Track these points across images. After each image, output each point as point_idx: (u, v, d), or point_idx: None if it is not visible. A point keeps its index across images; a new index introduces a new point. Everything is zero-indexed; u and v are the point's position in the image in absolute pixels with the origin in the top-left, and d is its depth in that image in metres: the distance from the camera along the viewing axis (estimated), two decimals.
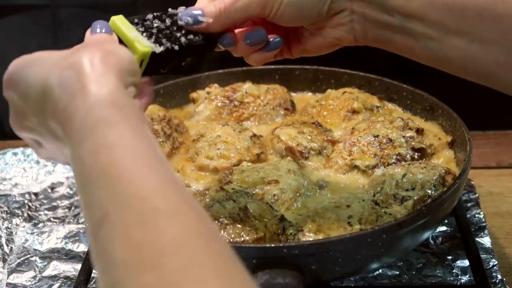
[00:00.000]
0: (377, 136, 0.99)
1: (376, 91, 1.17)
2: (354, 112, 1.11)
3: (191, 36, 0.74)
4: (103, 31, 0.72)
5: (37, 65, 0.63)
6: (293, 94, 1.22)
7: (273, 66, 1.26)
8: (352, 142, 1.00)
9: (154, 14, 0.76)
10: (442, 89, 1.16)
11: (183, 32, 0.74)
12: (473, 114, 1.38)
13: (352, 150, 0.99)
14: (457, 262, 0.95)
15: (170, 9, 0.77)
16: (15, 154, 1.30)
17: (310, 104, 1.17)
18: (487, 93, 1.45)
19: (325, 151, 1.02)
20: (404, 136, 1.00)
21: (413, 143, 0.99)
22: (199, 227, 0.48)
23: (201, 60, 0.78)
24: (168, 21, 0.75)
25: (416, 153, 0.98)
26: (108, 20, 0.76)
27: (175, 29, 0.74)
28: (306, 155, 1.00)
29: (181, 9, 0.76)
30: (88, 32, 0.72)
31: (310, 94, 1.24)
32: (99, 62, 0.60)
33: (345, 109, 1.11)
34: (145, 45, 0.71)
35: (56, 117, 0.59)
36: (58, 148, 0.64)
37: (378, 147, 0.98)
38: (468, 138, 0.95)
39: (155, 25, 0.74)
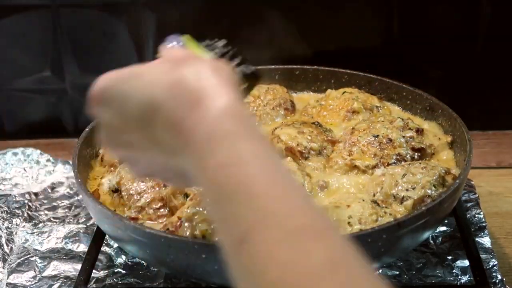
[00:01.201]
0: (377, 136, 0.99)
1: (376, 91, 1.17)
2: (354, 112, 1.11)
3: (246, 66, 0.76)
4: (180, 45, 0.72)
5: (135, 81, 0.62)
6: (293, 94, 1.22)
7: (273, 66, 1.26)
8: (352, 142, 1.00)
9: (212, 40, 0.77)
10: (442, 89, 1.16)
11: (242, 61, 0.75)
12: (473, 114, 1.39)
13: (352, 150, 0.99)
14: (457, 262, 0.95)
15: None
16: (15, 154, 1.30)
17: (310, 104, 1.17)
18: (487, 93, 1.46)
19: (325, 151, 1.02)
20: (404, 136, 1.00)
21: (413, 143, 0.99)
22: (346, 250, 0.46)
23: (251, 88, 0.78)
24: (226, 48, 0.76)
25: (416, 153, 0.98)
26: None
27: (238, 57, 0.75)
28: (306, 155, 1.00)
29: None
30: (163, 46, 0.72)
31: (310, 94, 1.24)
32: (212, 75, 0.59)
33: (345, 109, 1.11)
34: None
35: (170, 131, 0.58)
36: (166, 162, 0.63)
37: (378, 147, 0.98)
38: (468, 138, 0.95)
39: (217, 48, 0.75)
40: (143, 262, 0.97)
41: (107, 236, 0.99)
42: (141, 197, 0.90)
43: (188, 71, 0.59)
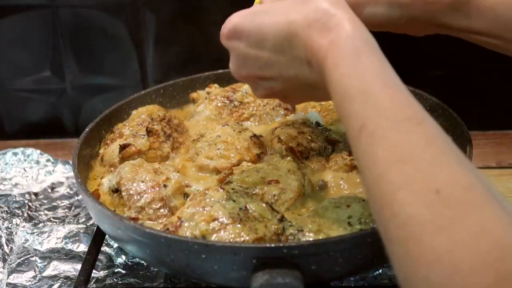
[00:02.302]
0: None
1: None
2: None
3: None
4: None
5: (267, 14, 0.75)
6: None
7: None
8: None
9: None
10: (442, 89, 1.16)
11: None
12: (473, 114, 1.39)
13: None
14: None
15: None
16: (15, 154, 1.30)
17: (310, 104, 1.17)
18: (487, 93, 1.46)
19: (325, 151, 1.02)
20: None
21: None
22: (439, 132, 0.59)
23: None
24: None
25: None
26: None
27: None
28: (306, 155, 1.00)
29: None
30: None
31: None
32: (338, 3, 0.70)
33: None
34: None
35: (308, 51, 0.70)
36: (296, 77, 0.76)
37: None
38: (468, 138, 0.95)
39: None
40: (143, 262, 0.97)
41: (107, 236, 0.99)
42: (141, 197, 0.90)
43: (319, 2, 0.70)
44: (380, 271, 0.93)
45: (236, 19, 0.78)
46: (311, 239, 0.79)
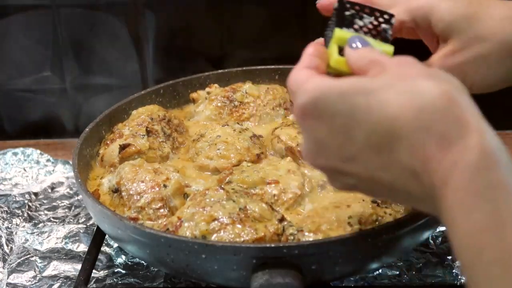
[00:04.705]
0: None
1: None
2: None
3: (383, 24, 0.71)
4: (363, 45, 0.65)
5: (366, 97, 0.56)
6: None
7: (273, 66, 1.26)
8: None
9: (345, 13, 0.70)
10: None
11: (375, 20, 0.71)
12: None
13: None
14: (457, 262, 0.95)
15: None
16: (15, 154, 1.30)
17: None
18: (487, 93, 1.45)
19: None
20: None
21: None
22: None
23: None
24: (365, 15, 0.71)
25: None
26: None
27: (373, 21, 0.70)
28: None
29: None
30: (349, 50, 0.64)
31: None
32: (460, 97, 0.53)
33: None
34: (386, 46, 0.69)
35: (417, 160, 0.53)
36: (392, 183, 0.57)
37: None
38: None
39: (360, 24, 0.70)
40: (143, 262, 0.97)
41: (107, 236, 0.99)
42: (141, 197, 0.90)
43: (433, 94, 0.53)
44: (380, 271, 0.93)
45: (318, 93, 0.58)
46: (311, 239, 0.79)
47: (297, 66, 0.65)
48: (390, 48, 0.69)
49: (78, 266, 0.96)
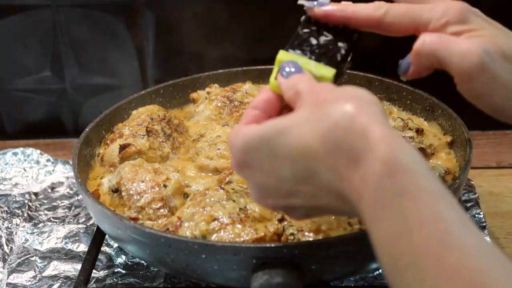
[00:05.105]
0: None
1: (376, 91, 1.17)
2: None
3: (341, 42, 0.71)
4: (296, 71, 0.67)
5: (283, 137, 0.59)
6: None
7: (272, 66, 1.26)
8: None
9: (303, 31, 0.72)
10: (442, 89, 1.16)
11: (333, 39, 0.71)
12: (473, 114, 1.38)
13: None
14: None
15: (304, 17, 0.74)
16: (15, 154, 1.30)
17: None
18: None
19: None
20: (404, 136, 1.00)
21: (413, 143, 0.99)
22: None
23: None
24: (317, 34, 0.72)
25: None
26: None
27: (329, 39, 0.71)
28: None
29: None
30: (280, 77, 0.67)
31: None
32: (366, 111, 0.56)
33: None
34: (326, 70, 0.69)
35: (337, 181, 0.56)
36: (327, 207, 0.62)
37: None
38: (468, 138, 0.95)
39: (312, 43, 0.71)
40: (143, 262, 0.97)
41: (107, 236, 0.99)
42: (141, 197, 0.90)
43: (337, 114, 0.56)
44: (380, 271, 0.93)
45: (244, 142, 0.62)
46: (311, 239, 0.79)
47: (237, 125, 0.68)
48: (329, 72, 0.68)
49: (78, 266, 0.96)
